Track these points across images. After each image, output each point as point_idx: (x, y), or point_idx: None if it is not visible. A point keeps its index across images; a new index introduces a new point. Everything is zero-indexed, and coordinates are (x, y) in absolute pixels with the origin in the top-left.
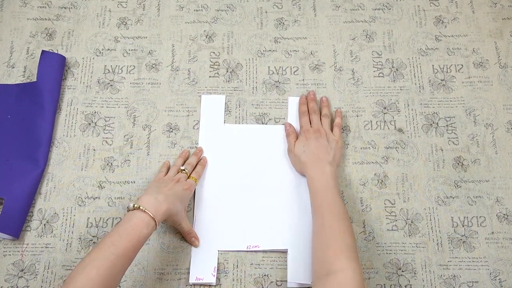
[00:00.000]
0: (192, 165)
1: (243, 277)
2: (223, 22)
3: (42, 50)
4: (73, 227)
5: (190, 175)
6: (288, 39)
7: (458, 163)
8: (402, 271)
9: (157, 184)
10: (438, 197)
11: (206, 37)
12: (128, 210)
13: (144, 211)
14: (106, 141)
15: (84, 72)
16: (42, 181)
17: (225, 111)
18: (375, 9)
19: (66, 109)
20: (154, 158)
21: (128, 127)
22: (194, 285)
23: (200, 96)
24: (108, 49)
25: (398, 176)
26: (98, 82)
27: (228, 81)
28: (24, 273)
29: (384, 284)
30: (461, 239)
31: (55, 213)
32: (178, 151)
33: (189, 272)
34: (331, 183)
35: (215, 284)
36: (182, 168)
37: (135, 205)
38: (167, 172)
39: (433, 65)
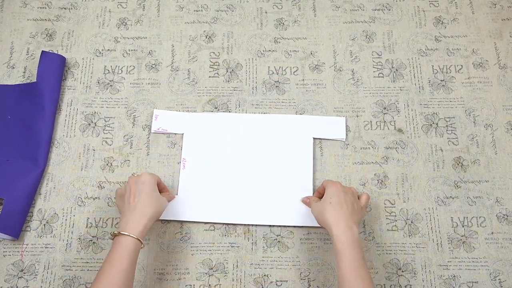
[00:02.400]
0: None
1: (243, 277)
2: (223, 23)
3: (42, 51)
4: (72, 227)
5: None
6: (288, 39)
7: (457, 164)
8: (402, 271)
9: (121, 198)
10: (438, 197)
11: (206, 37)
12: (111, 239)
13: (124, 234)
14: (106, 141)
15: (84, 73)
16: (42, 181)
17: (225, 111)
18: (375, 10)
19: (66, 109)
20: (154, 158)
21: (128, 127)
22: None
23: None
24: (108, 50)
25: (398, 176)
26: (98, 82)
27: (228, 81)
28: (24, 273)
29: (384, 284)
30: (461, 240)
31: (55, 213)
32: (178, 151)
33: (189, 272)
34: (358, 247)
35: None
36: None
37: (114, 232)
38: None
39: (432, 66)
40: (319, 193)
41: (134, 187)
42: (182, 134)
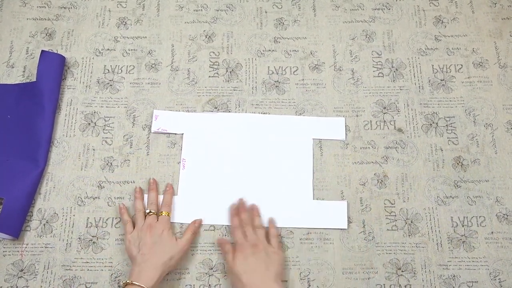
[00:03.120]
0: (155, 203)
1: None
2: (222, 22)
3: (42, 50)
4: (72, 227)
5: (158, 213)
6: (288, 39)
7: (457, 163)
8: (402, 271)
9: (135, 248)
10: (437, 197)
11: (206, 37)
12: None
13: (133, 283)
14: (106, 141)
15: (83, 72)
16: (42, 181)
17: (225, 111)
18: (375, 9)
19: (66, 109)
20: (154, 158)
21: (128, 127)
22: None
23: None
24: (108, 49)
25: (398, 176)
26: (98, 82)
27: (228, 81)
28: (24, 273)
29: (384, 284)
30: (461, 239)
31: (55, 213)
32: (178, 151)
33: (189, 272)
34: None
35: None
36: (147, 211)
37: (124, 281)
38: (133, 221)
39: (432, 65)
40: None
41: (148, 238)
42: (182, 134)
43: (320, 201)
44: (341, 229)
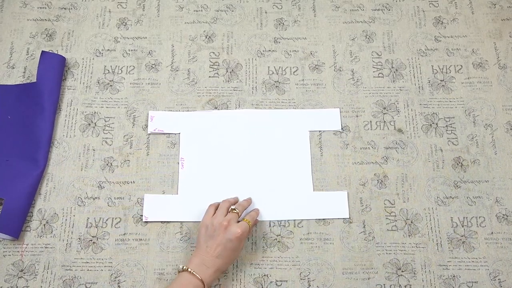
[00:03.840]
0: (244, 206)
1: (242, 277)
2: (222, 23)
3: (42, 51)
4: (72, 227)
5: (242, 217)
6: (288, 39)
7: (457, 164)
8: (402, 271)
9: (205, 238)
10: (437, 197)
11: (206, 37)
12: (178, 271)
13: (192, 273)
14: (106, 141)
15: (84, 73)
16: (42, 181)
17: (223, 110)
18: (375, 10)
19: (66, 109)
20: (154, 158)
21: (128, 127)
22: None
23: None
24: (108, 50)
25: (398, 176)
26: (98, 82)
27: (228, 81)
28: (24, 273)
29: (384, 284)
30: (461, 239)
31: (55, 213)
32: (177, 151)
33: None
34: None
35: None
36: (233, 207)
37: (184, 267)
38: (215, 212)
39: (432, 66)
40: None
41: (222, 234)
42: (179, 133)
43: (320, 192)
44: (343, 218)
